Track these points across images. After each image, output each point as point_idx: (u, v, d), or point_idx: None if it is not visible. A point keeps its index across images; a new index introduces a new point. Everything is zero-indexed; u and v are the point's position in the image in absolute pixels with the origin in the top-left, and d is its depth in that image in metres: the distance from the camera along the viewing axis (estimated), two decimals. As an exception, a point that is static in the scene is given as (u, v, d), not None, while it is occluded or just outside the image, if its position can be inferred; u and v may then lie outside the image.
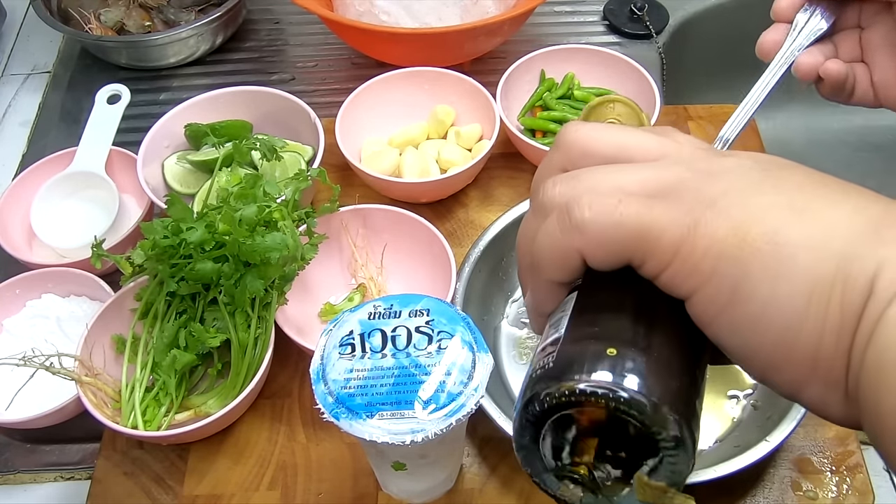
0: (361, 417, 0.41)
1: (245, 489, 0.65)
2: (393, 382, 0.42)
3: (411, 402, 0.41)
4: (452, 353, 0.43)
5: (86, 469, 0.68)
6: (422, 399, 0.41)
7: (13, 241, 0.78)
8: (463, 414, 0.41)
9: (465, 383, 0.42)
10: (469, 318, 0.45)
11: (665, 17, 1.03)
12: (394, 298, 0.46)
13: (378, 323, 0.45)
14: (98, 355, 0.66)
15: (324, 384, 0.43)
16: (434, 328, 0.44)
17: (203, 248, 0.63)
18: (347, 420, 0.41)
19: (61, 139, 0.94)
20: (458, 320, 0.45)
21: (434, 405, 0.41)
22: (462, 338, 0.43)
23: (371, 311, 0.45)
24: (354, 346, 0.44)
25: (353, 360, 0.43)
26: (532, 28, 1.02)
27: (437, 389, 0.42)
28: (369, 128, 0.84)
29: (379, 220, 0.74)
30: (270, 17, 1.07)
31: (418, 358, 0.43)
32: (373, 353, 0.43)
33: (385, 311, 0.45)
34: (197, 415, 0.64)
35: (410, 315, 0.45)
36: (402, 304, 0.45)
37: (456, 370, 0.42)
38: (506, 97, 0.83)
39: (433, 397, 0.41)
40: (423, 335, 0.44)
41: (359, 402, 0.42)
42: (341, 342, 0.44)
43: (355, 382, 0.42)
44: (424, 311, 0.45)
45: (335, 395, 0.42)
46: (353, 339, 0.44)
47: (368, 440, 0.41)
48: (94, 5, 1.03)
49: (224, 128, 0.81)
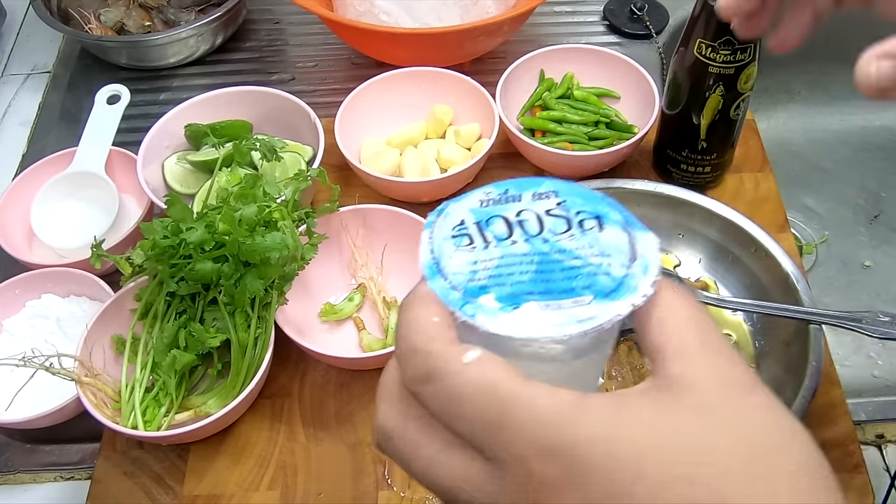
0: (506, 310, 0.32)
1: (245, 489, 0.65)
2: (535, 270, 0.34)
3: (568, 291, 0.33)
4: (602, 234, 0.34)
5: (86, 469, 0.68)
6: (579, 286, 0.33)
7: (13, 241, 0.78)
8: (638, 298, 0.32)
9: (628, 265, 0.33)
10: (610, 198, 0.36)
11: (665, 17, 1.03)
12: (507, 183, 0.37)
13: (494, 209, 0.36)
14: (98, 355, 0.66)
15: (443, 279, 0.34)
16: (569, 209, 0.35)
17: (203, 248, 0.63)
18: (487, 315, 0.32)
19: (61, 139, 0.94)
20: (597, 200, 0.36)
21: (596, 293, 0.33)
22: (609, 217, 0.35)
23: (482, 199, 0.37)
24: (471, 236, 0.35)
25: (473, 252, 0.34)
26: (532, 28, 1.02)
27: (595, 273, 0.33)
28: (369, 128, 0.85)
29: (379, 220, 0.74)
30: (270, 17, 1.07)
31: (559, 242, 0.34)
32: (499, 241, 0.35)
33: (500, 197, 0.37)
34: (197, 415, 0.64)
35: (534, 198, 0.36)
36: (519, 188, 0.37)
37: (614, 252, 0.34)
38: (505, 97, 0.83)
39: (593, 284, 0.33)
40: (557, 218, 0.35)
41: (497, 294, 0.33)
42: (453, 233, 0.36)
43: (484, 273, 0.34)
44: (551, 193, 0.36)
45: (462, 289, 0.33)
46: (467, 228, 0.36)
47: (520, 338, 0.32)
48: (94, 5, 1.03)
49: (224, 128, 0.81)
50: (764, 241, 0.70)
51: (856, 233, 1.05)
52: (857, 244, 1.04)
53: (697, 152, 0.78)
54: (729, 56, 0.69)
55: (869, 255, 1.02)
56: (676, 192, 0.74)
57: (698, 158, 0.78)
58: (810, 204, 1.07)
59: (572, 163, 0.79)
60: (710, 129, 0.75)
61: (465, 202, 0.37)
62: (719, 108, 0.73)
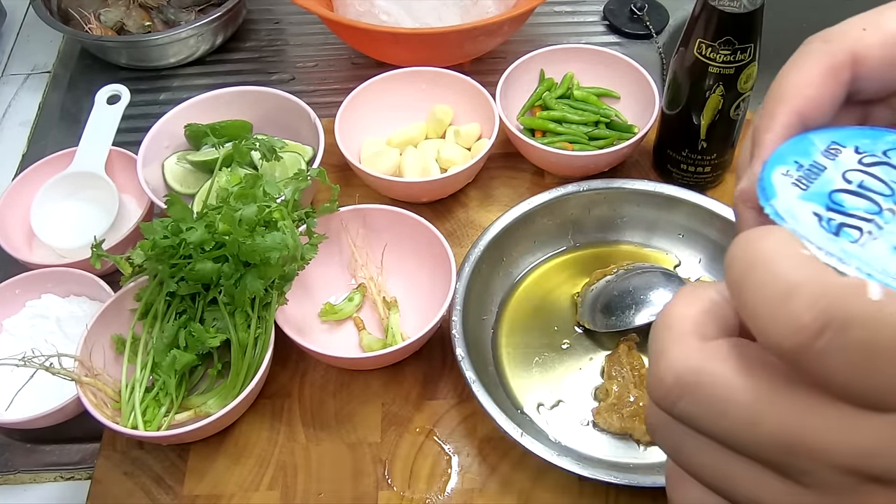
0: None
1: (245, 489, 0.65)
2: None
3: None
4: None
5: (86, 469, 0.68)
6: None
7: (13, 241, 0.78)
8: None
9: None
10: None
11: (665, 17, 1.03)
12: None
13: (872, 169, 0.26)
14: (98, 355, 0.66)
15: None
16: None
17: (203, 248, 0.63)
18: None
19: (61, 139, 0.94)
20: None
21: None
22: None
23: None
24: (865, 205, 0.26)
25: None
26: (532, 28, 1.02)
27: None
28: (369, 128, 0.85)
29: (379, 220, 0.74)
30: (270, 17, 1.07)
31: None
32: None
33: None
34: (197, 415, 0.64)
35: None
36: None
37: None
38: (505, 97, 0.83)
39: None
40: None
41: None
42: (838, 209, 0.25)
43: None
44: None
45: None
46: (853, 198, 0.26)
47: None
48: (94, 5, 1.03)
49: (224, 128, 0.81)
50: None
51: (856, 233, 1.05)
52: (857, 244, 1.04)
53: (697, 152, 0.78)
54: (729, 56, 0.69)
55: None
56: (676, 192, 0.74)
57: (698, 158, 0.78)
58: (810, 204, 1.07)
59: (572, 163, 0.79)
60: (710, 129, 0.75)
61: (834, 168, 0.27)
62: (719, 108, 0.73)
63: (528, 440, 0.60)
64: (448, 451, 0.66)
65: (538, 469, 0.64)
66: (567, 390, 0.69)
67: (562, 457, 0.59)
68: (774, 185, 0.26)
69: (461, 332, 0.66)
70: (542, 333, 0.72)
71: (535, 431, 0.65)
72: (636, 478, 0.58)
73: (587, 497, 0.63)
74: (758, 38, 0.69)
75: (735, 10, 0.66)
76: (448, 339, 0.67)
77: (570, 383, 0.69)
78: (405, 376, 0.70)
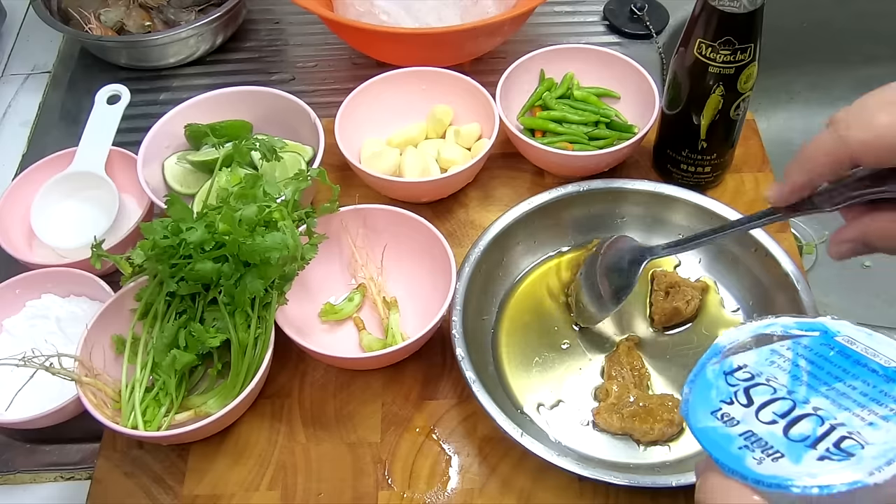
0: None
1: (245, 489, 0.65)
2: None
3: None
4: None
5: (86, 469, 0.68)
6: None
7: (13, 241, 0.78)
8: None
9: None
10: None
11: (665, 17, 1.03)
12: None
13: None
14: (98, 355, 0.66)
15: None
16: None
17: (203, 248, 0.63)
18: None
19: (61, 139, 0.94)
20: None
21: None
22: None
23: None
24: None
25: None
26: (532, 28, 1.02)
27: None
28: (369, 128, 0.85)
29: (379, 220, 0.74)
30: (270, 17, 1.07)
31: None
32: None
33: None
34: (197, 415, 0.64)
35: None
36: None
37: None
38: (505, 97, 0.83)
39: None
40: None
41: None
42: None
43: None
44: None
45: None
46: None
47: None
48: (94, 5, 1.03)
49: (224, 128, 0.81)
50: (764, 241, 0.70)
51: (856, 233, 1.05)
52: (857, 244, 1.04)
53: (697, 152, 0.78)
54: (729, 56, 0.69)
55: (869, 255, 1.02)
56: (676, 192, 0.74)
57: (698, 158, 0.78)
58: (810, 204, 1.07)
59: (572, 163, 0.79)
60: (710, 129, 0.75)
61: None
62: (719, 108, 0.73)
63: (528, 440, 0.60)
64: (448, 451, 0.66)
65: (538, 469, 0.64)
66: (567, 390, 0.69)
67: (562, 457, 0.59)
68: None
69: (461, 332, 0.66)
70: (542, 333, 0.72)
71: (535, 431, 0.65)
72: (636, 478, 0.58)
73: (587, 497, 0.63)
74: (758, 38, 0.69)
75: (735, 10, 0.66)
76: (448, 339, 0.67)
77: (570, 383, 0.69)
78: (405, 376, 0.70)
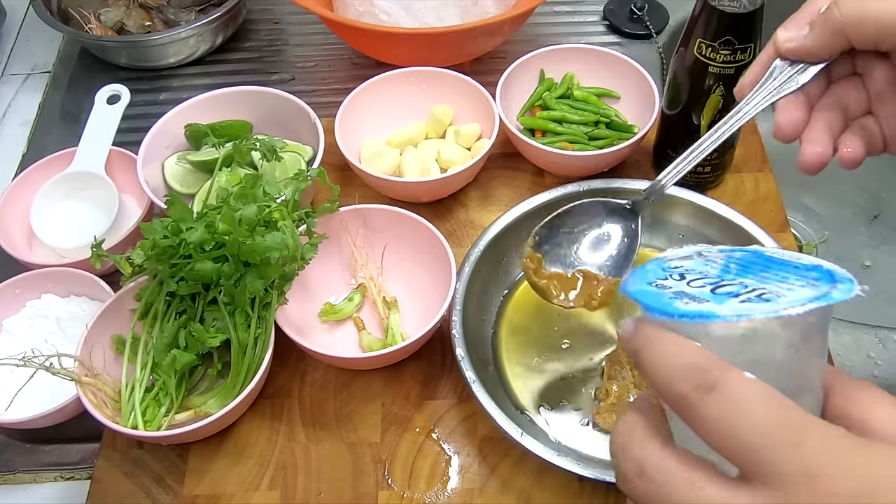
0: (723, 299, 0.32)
1: (245, 489, 0.65)
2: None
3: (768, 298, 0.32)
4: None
5: (86, 469, 0.68)
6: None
7: (13, 241, 0.78)
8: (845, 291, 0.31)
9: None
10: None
11: (665, 17, 1.03)
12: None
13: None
14: (98, 355, 0.66)
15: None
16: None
17: (203, 248, 0.63)
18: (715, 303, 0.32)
19: (61, 139, 0.94)
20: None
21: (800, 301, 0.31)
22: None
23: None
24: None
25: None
26: (532, 28, 1.02)
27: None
28: (369, 128, 0.85)
29: (379, 220, 0.74)
30: (270, 17, 1.07)
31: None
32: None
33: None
34: (197, 415, 0.64)
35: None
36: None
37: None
38: (505, 97, 0.83)
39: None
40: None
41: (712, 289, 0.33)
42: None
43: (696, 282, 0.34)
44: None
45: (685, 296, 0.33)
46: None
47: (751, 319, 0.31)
48: (94, 5, 1.03)
49: (224, 128, 0.81)
50: (764, 241, 0.70)
51: (856, 232, 1.05)
52: (857, 244, 1.04)
53: (697, 152, 0.77)
54: (729, 56, 0.69)
55: (869, 255, 1.02)
56: (676, 192, 0.74)
57: (698, 158, 0.78)
58: (810, 204, 1.07)
59: (572, 163, 0.79)
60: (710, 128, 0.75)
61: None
62: (719, 108, 0.73)
63: (528, 440, 0.60)
64: (448, 451, 0.66)
65: (538, 469, 0.64)
66: (567, 390, 0.69)
67: (562, 457, 0.59)
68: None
69: (461, 332, 0.66)
70: (542, 333, 0.72)
71: (535, 431, 0.65)
72: (636, 478, 0.58)
73: (587, 497, 0.63)
74: (758, 38, 0.69)
75: (735, 10, 0.66)
76: (448, 339, 0.67)
77: (570, 383, 0.69)
78: (405, 376, 0.70)
